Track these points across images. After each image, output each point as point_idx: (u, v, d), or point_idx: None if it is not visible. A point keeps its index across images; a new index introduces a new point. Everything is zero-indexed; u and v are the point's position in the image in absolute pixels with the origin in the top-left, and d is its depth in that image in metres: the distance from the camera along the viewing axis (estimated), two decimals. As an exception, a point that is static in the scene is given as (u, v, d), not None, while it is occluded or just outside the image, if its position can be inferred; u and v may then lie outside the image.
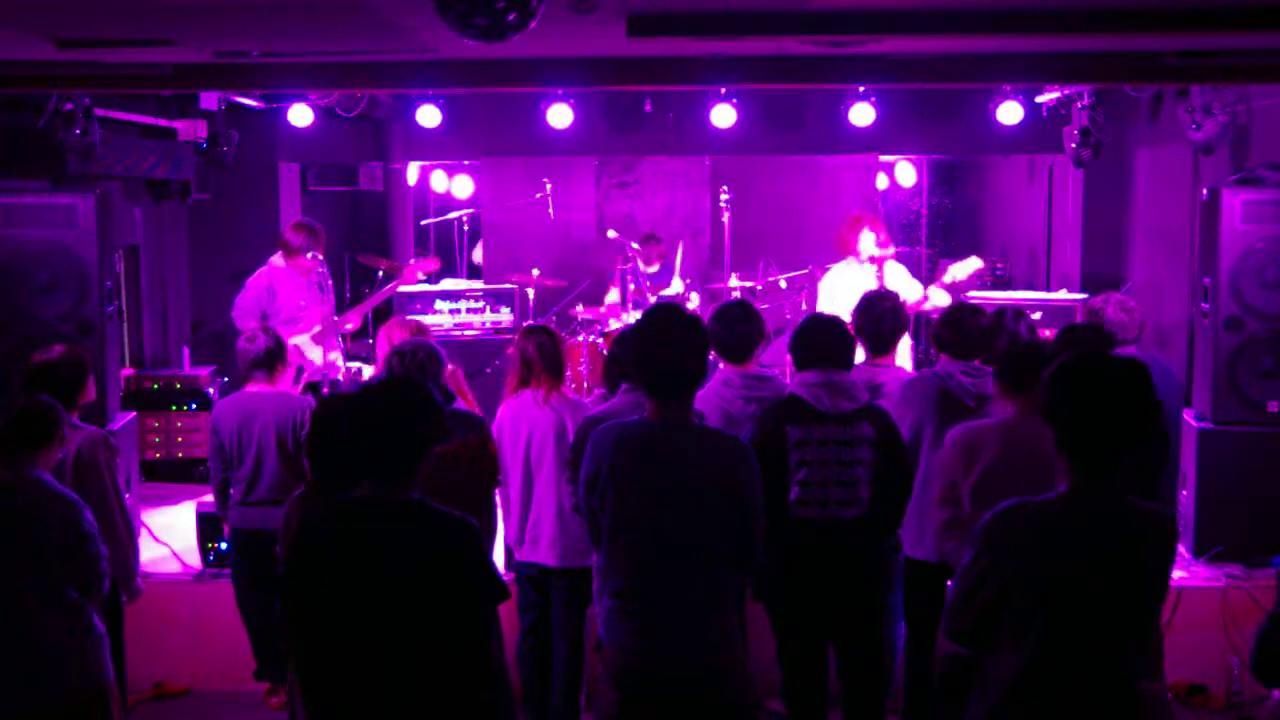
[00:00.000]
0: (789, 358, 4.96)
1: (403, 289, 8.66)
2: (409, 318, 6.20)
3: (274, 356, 5.68)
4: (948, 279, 7.73)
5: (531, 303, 9.23)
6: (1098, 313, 6.03)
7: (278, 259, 7.60)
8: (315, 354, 7.50)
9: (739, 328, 5.19)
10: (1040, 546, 3.09)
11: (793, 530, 4.49)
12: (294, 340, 7.44)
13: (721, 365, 5.27)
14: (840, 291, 7.50)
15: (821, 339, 4.69)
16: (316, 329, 7.53)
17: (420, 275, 8.30)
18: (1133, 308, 6.07)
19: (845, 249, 7.72)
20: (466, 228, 9.98)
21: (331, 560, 3.22)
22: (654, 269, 9.29)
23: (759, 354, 5.31)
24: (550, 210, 10.03)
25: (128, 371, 8.54)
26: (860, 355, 5.32)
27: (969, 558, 3.20)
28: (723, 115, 8.72)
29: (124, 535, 5.04)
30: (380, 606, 3.17)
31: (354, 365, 8.00)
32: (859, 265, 7.63)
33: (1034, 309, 7.91)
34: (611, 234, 9.42)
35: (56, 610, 4.25)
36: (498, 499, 5.26)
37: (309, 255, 7.45)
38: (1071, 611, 3.07)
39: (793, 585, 4.59)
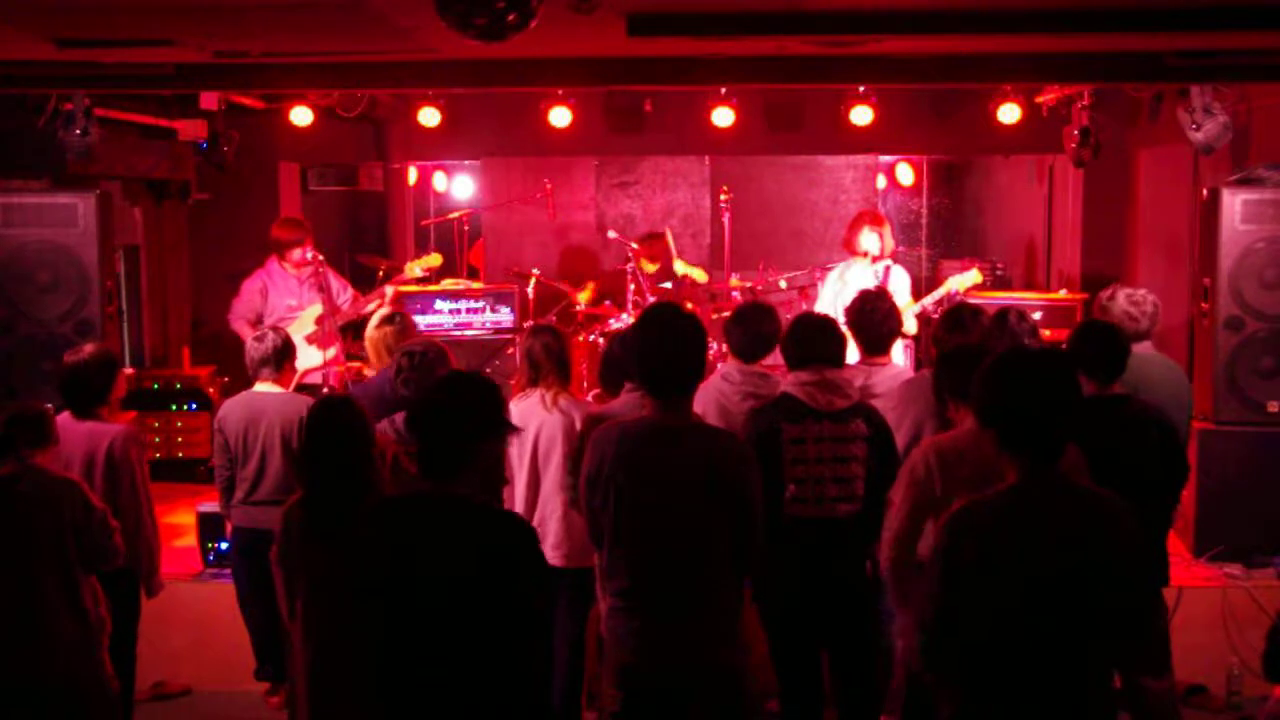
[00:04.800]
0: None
1: (403, 289, 8.64)
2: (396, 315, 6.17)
3: (282, 356, 5.70)
4: (945, 289, 7.75)
5: (531, 303, 9.23)
6: (1106, 307, 5.72)
7: (273, 260, 7.68)
8: (310, 355, 7.49)
9: (754, 327, 5.20)
10: (999, 539, 3.08)
11: (788, 528, 4.49)
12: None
13: (724, 362, 5.27)
14: (846, 289, 7.51)
15: (814, 337, 4.70)
16: (311, 330, 7.53)
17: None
18: (1141, 300, 5.67)
19: (846, 246, 7.77)
20: (466, 228, 9.97)
21: (388, 554, 3.19)
22: (654, 268, 9.28)
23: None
24: (550, 210, 10.03)
25: (128, 371, 8.54)
26: (854, 355, 5.32)
27: (930, 567, 3.19)
28: (723, 115, 8.72)
29: (150, 530, 5.24)
30: (434, 601, 3.14)
31: (354, 364, 7.99)
32: (865, 264, 7.65)
33: (1034, 309, 7.90)
34: (612, 234, 9.42)
35: (66, 595, 4.47)
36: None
37: (298, 252, 7.54)
38: (1044, 598, 3.04)
39: (787, 584, 4.59)
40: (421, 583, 3.15)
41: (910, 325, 7.46)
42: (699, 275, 9.13)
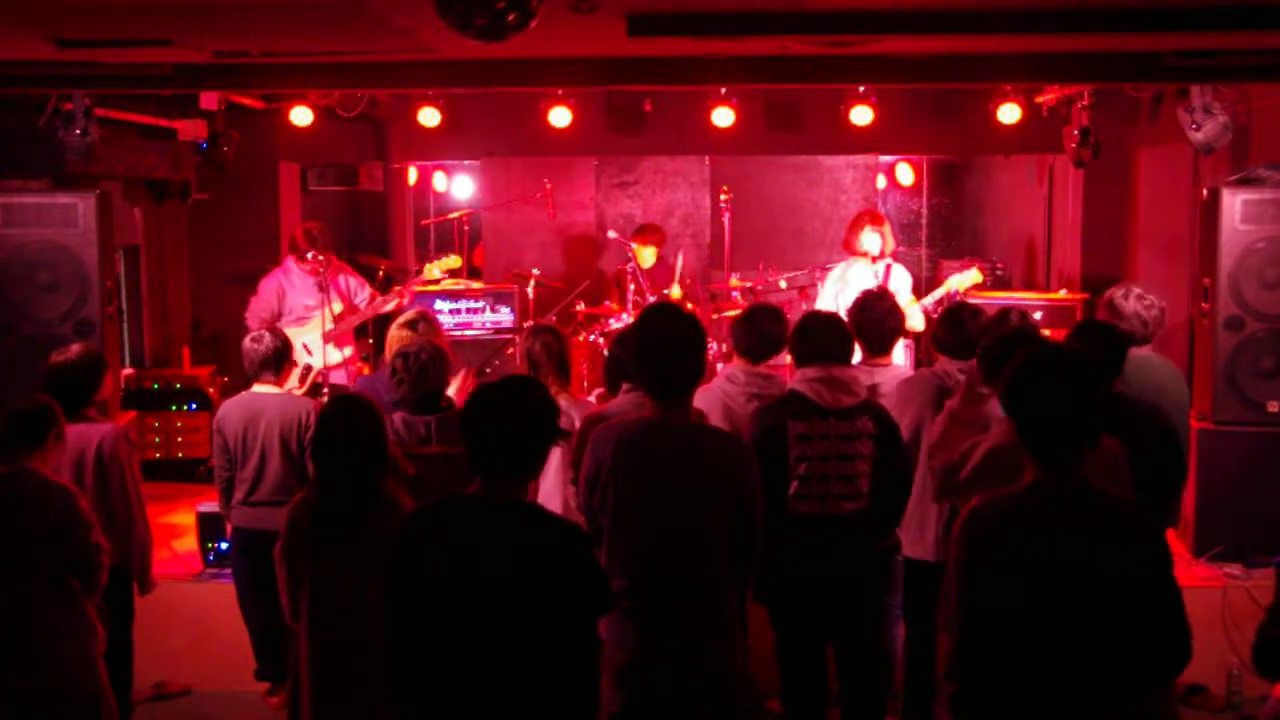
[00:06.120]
0: (788, 357, 4.96)
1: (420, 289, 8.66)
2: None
3: (281, 356, 5.69)
4: (945, 289, 7.75)
5: (531, 303, 9.23)
6: (1117, 305, 5.57)
7: (290, 260, 7.81)
8: (330, 353, 7.57)
9: (762, 326, 5.20)
10: (1008, 540, 3.09)
11: (791, 525, 4.49)
12: (304, 339, 7.50)
13: (727, 363, 5.27)
14: (847, 288, 7.51)
15: (821, 335, 4.71)
16: (329, 328, 7.60)
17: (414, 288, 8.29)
18: (1151, 304, 5.55)
19: (846, 247, 7.77)
20: (466, 228, 9.97)
21: (437, 556, 3.18)
22: (650, 261, 9.25)
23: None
24: (550, 210, 10.04)
25: (128, 371, 8.54)
26: (857, 355, 5.32)
27: (951, 567, 3.19)
28: (723, 115, 8.72)
29: (141, 528, 5.22)
30: (484, 605, 3.13)
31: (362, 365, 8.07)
32: (866, 264, 7.65)
33: (1034, 309, 7.91)
34: (612, 234, 9.42)
35: (59, 601, 4.41)
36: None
37: (307, 256, 7.63)
38: (1053, 600, 3.04)
39: (791, 582, 4.59)
40: (481, 584, 3.14)
41: (917, 320, 7.45)
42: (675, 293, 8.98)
